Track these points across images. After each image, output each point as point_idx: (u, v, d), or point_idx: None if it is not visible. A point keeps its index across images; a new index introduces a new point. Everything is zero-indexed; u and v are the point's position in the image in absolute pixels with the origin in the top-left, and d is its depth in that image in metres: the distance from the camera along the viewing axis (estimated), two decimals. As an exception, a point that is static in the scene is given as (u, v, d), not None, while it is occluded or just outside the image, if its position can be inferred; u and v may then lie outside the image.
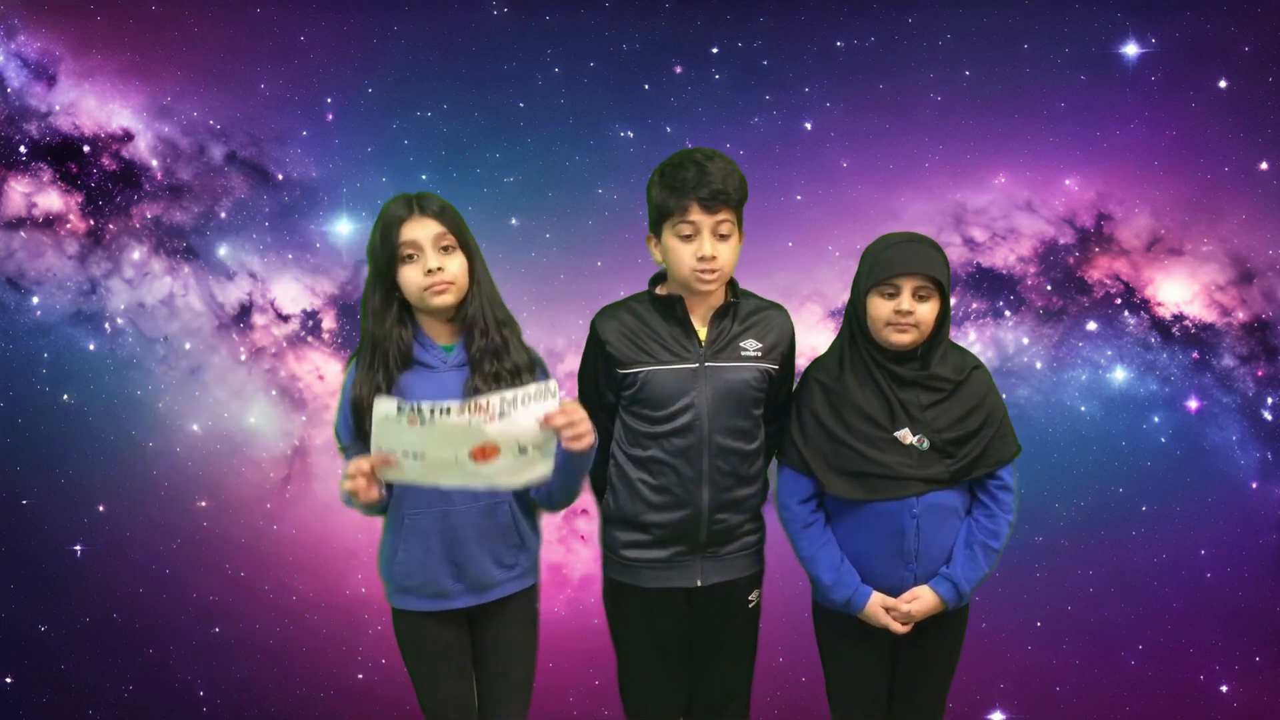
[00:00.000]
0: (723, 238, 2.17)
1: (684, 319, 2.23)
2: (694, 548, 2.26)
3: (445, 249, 2.08)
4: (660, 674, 2.35)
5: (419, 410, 1.89)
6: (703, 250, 2.15)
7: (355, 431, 2.09)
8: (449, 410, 1.90)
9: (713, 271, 2.17)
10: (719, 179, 2.14)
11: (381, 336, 2.08)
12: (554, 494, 2.19)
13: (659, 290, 2.29)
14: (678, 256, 2.18)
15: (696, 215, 2.15)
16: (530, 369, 2.15)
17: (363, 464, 1.95)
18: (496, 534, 2.16)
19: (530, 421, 1.96)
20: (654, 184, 2.21)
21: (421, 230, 2.07)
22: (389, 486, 2.09)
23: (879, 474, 2.18)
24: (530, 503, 2.23)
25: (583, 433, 2.00)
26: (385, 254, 2.06)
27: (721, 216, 2.16)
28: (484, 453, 1.97)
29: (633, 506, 2.26)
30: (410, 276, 2.06)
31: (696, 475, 2.23)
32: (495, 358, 2.11)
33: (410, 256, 2.06)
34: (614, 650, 2.40)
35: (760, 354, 2.26)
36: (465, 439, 1.94)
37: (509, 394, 1.95)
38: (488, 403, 1.93)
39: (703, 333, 2.24)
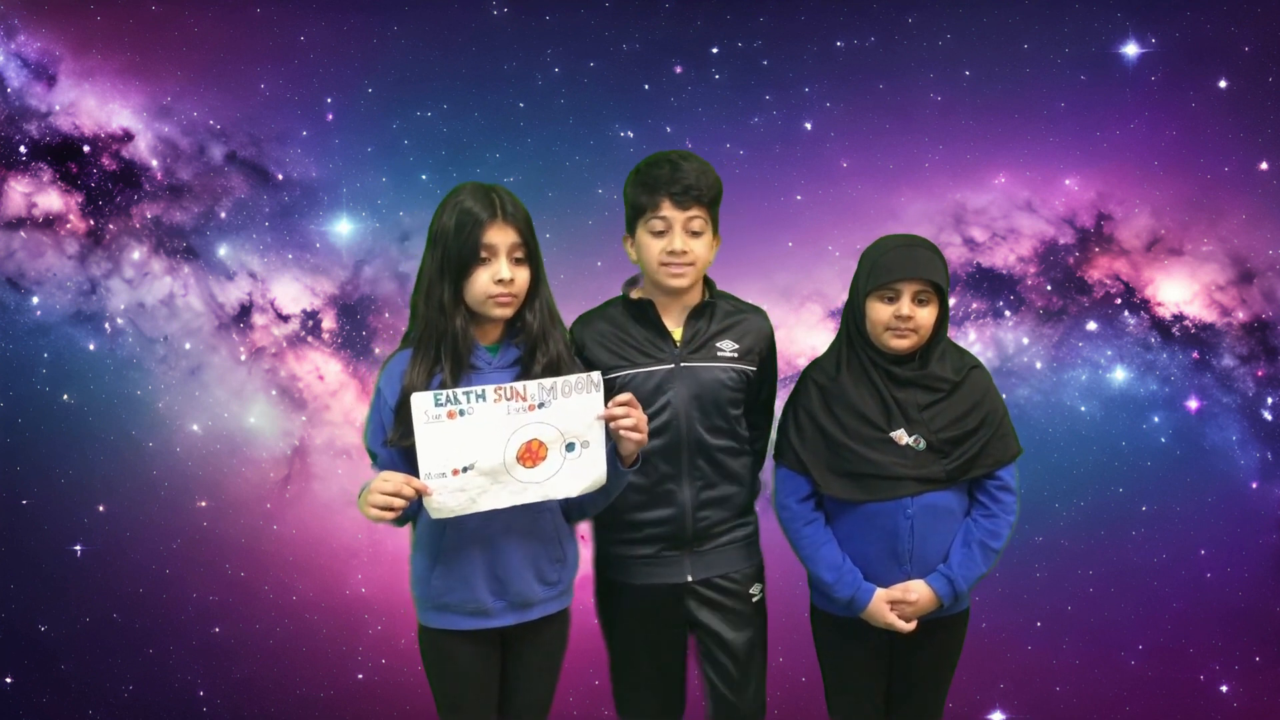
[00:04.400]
0: (694, 234, 2.20)
1: (656, 321, 2.25)
2: (680, 544, 2.27)
3: (517, 260, 2.04)
4: (654, 674, 2.34)
5: (455, 398, 1.89)
6: (673, 245, 2.17)
7: (400, 427, 1.99)
8: (484, 395, 1.91)
9: (682, 266, 2.19)
10: (692, 176, 2.18)
11: (447, 332, 2.01)
12: (584, 502, 2.14)
13: (632, 294, 2.31)
14: (649, 252, 2.21)
15: (668, 210, 2.18)
16: None
17: (406, 489, 1.90)
18: (539, 546, 2.11)
19: (573, 413, 1.96)
20: (629, 183, 2.25)
21: (501, 236, 2.01)
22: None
23: (874, 474, 2.18)
24: (569, 516, 2.20)
25: (641, 425, 2.01)
26: (462, 252, 2.00)
27: (693, 213, 2.19)
28: (531, 454, 1.96)
29: (618, 505, 2.26)
30: (480, 280, 2.01)
31: (677, 473, 2.24)
32: (548, 374, 2.05)
33: (485, 259, 2.01)
34: (607, 653, 2.39)
35: (737, 355, 2.27)
36: (508, 432, 1.93)
37: (546, 381, 1.95)
38: (524, 388, 1.93)
39: (677, 333, 2.26)
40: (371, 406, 2.11)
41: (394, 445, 2.02)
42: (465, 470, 1.93)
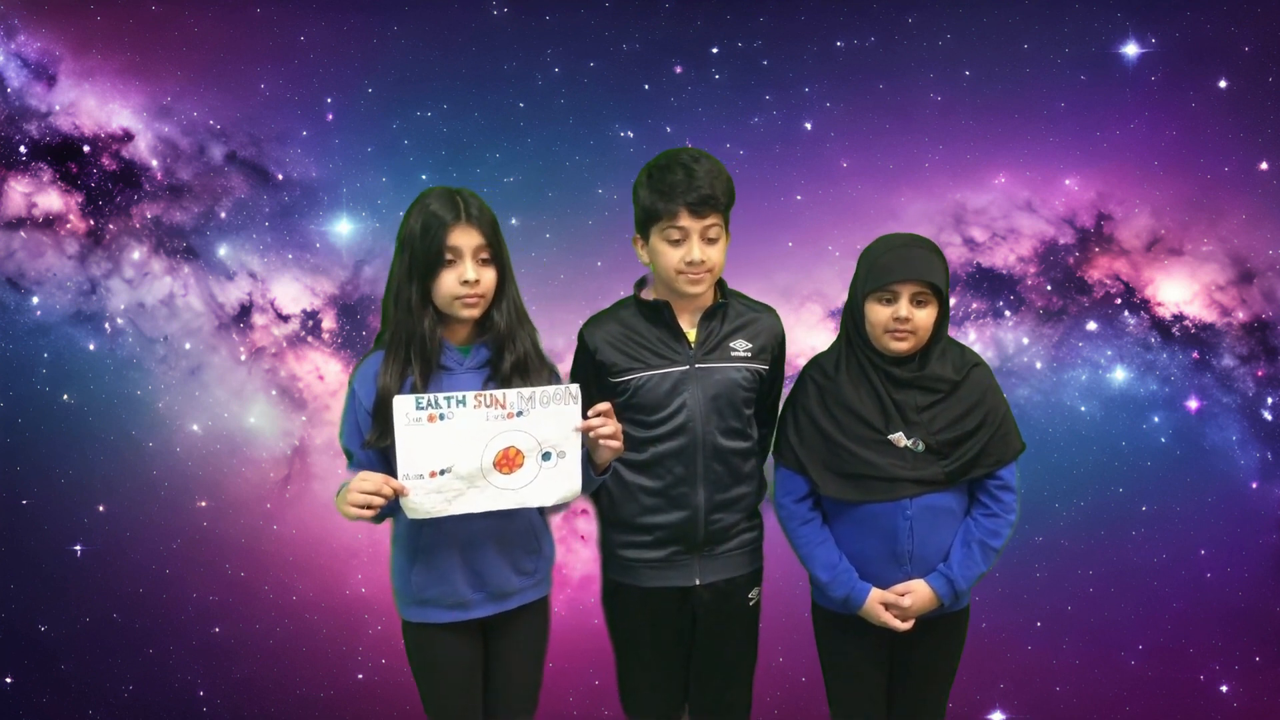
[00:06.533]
0: (711, 241, 2.18)
1: (671, 323, 2.23)
2: (691, 547, 2.27)
3: (483, 261, 2.06)
4: (659, 673, 2.36)
5: (436, 402, 1.94)
6: (691, 255, 2.16)
7: (377, 429, 2.03)
8: (464, 400, 1.95)
9: (700, 275, 2.18)
10: (707, 183, 2.14)
11: (416, 334, 2.05)
12: None
13: (644, 295, 2.29)
14: (665, 260, 2.18)
15: (685, 220, 2.15)
16: (549, 384, 2.13)
17: (385, 488, 1.94)
18: (514, 539, 2.14)
19: (550, 423, 2.00)
20: (641, 186, 2.21)
21: (465, 239, 2.03)
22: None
23: (872, 475, 2.17)
24: (542, 510, 2.21)
25: (618, 433, 2.04)
26: (427, 255, 2.03)
27: (710, 221, 2.17)
28: (508, 461, 1.99)
29: (629, 509, 2.27)
30: (447, 283, 2.04)
31: (692, 476, 2.23)
32: (522, 374, 2.09)
33: (451, 261, 2.03)
34: (613, 650, 2.40)
35: (750, 354, 2.26)
36: (486, 438, 1.97)
37: (525, 391, 1.99)
38: (504, 396, 1.97)
39: (691, 334, 2.25)
40: (346, 407, 2.14)
41: (371, 447, 2.06)
42: (443, 473, 1.97)
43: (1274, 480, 3.76)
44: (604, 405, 2.04)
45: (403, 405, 1.93)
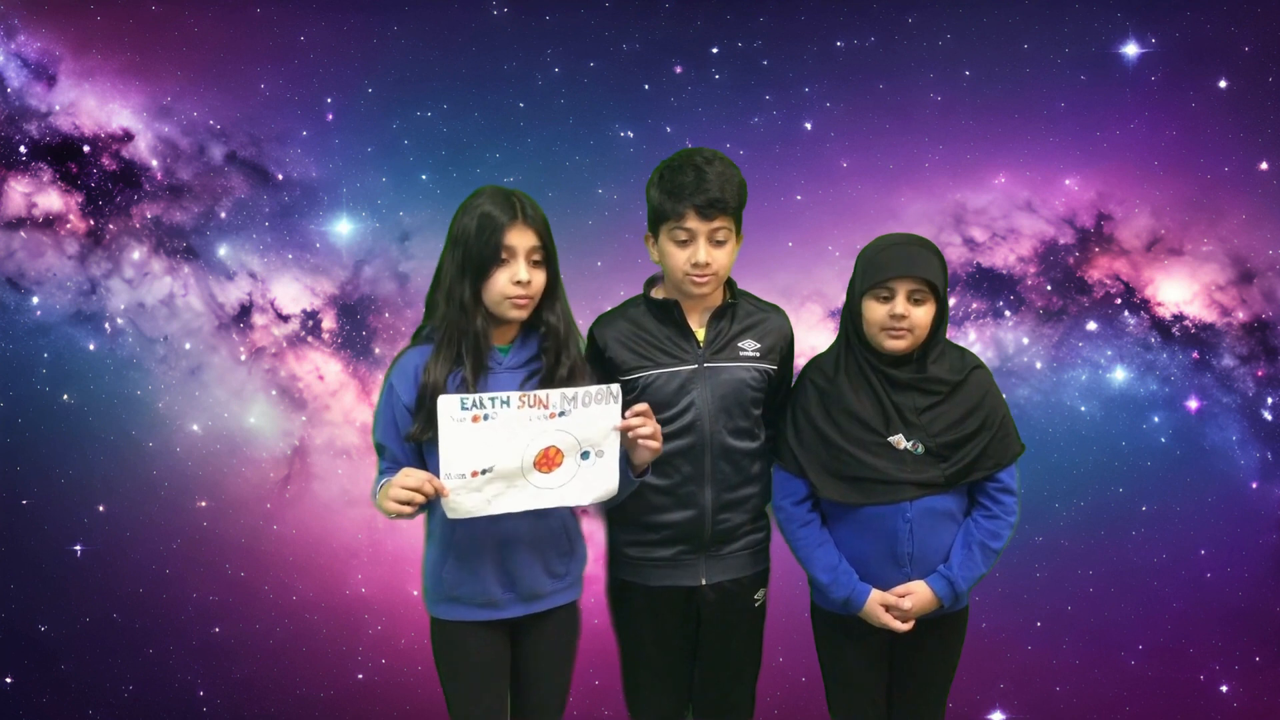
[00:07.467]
0: (719, 243, 2.18)
1: (681, 322, 2.24)
2: (698, 547, 2.27)
3: (535, 262, 2.07)
4: (663, 673, 2.36)
5: (480, 403, 1.93)
6: (697, 257, 2.16)
7: (420, 423, 2.02)
8: (508, 401, 1.95)
9: (705, 277, 2.18)
10: (717, 186, 2.14)
11: (469, 331, 2.05)
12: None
13: (654, 293, 2.29)
14: (672, 260, 2.19)
15: (693, 222, 2.15)
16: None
17: (427, 486, 1.94)
18: (547, 540, 2.14)
19: (591, 423, 2.00)
20: (653, 185, 2.22)
21: (521, 239, 2.04)
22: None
23: (871, 478, 2.17)
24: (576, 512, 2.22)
25: (657, 433, 2.05)
26: (483, 253, 2.02)
27: (718, 224, 2.16)
28: (548, 460, 2.00)
29: (637, 507, 2.26)
30: (499, 281, 2.04)
31: (699, 475, 2.23)
32: (574, 381, 2.09)
33: (504, 261, 2.04)
34: (618, 649, 2.40)
35: (759, 354, 2.26)
36: (527, 438, 1.97)
37: (569, 391, 2.00)
38: (547, 397, 1.98)
39: (700, 334, 2.25)
40: (382, 401, 2.13)
41: (415, 440, 2.06)
42: (484, 473, 1.97)
43: (1274, 480, 3.76)
44: (642, 406, 2.05)
45: (447, 406, 1.93)
